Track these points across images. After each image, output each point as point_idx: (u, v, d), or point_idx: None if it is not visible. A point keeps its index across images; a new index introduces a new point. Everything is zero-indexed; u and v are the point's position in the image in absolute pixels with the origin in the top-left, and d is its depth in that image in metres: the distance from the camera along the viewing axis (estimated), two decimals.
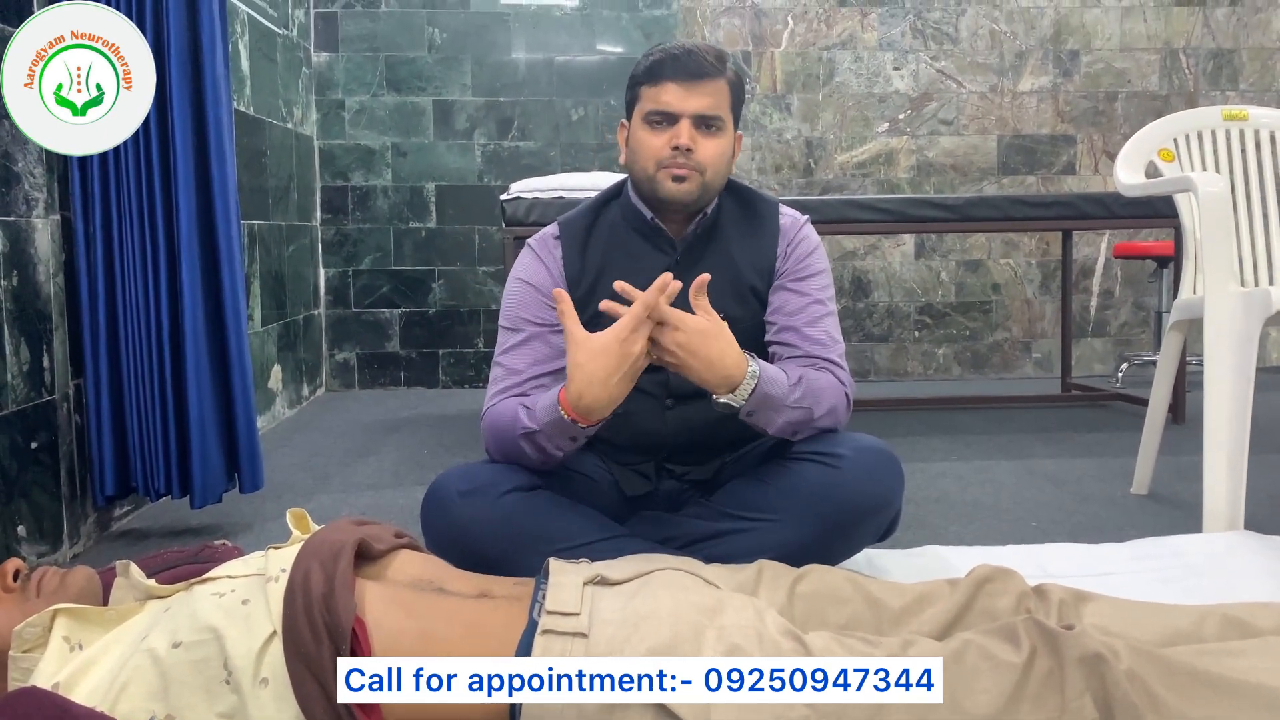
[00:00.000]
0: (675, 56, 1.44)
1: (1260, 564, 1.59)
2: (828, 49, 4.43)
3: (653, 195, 1.49)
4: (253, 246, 3.34)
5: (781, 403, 1.37)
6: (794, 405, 1.39)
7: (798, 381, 1.41)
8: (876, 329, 4.55)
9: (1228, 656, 1.00)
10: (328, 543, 1.10)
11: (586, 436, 1.38)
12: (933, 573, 1.52)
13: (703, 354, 1.30)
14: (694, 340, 1.30)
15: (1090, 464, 2.70)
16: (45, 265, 1.94)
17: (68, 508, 1.99)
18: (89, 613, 1.09)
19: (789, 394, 1.38)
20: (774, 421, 1.39)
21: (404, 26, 4.27)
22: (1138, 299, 4.62)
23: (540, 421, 1.37)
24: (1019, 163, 4.52)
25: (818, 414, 1.42)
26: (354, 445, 3.15)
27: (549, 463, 1.42)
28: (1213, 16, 4.51)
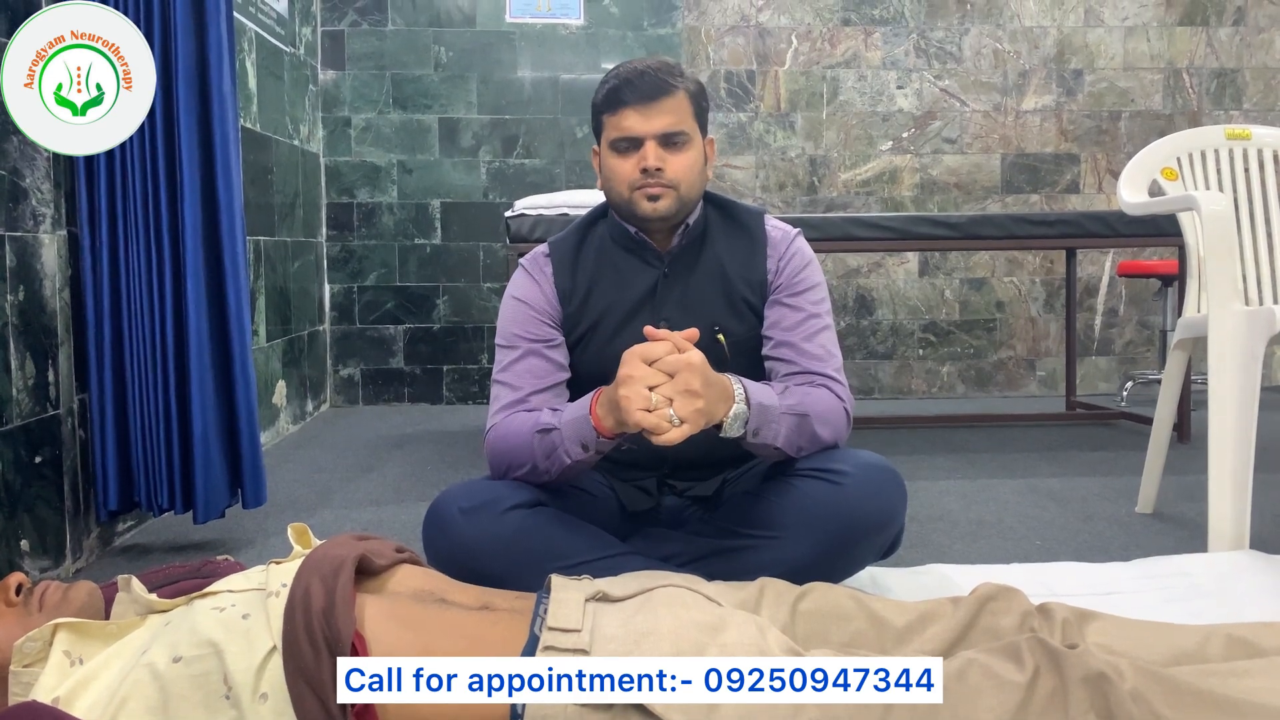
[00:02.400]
0: (629, 80, 1.45)
1: (1265, 584, 1.58)
2: (831, 68, 4.45)
3: (631, 216, 1.50)
4: (258, 262, 3.35)
5: (774, 410, 1.36)
6: (788, 411, 1.38)
7: (784, 390, 1.41)
8: (880, 347, 4.55)
9: (1233, 677, 0.99)
10: (328, 558, 1.10)
11: (597, 450, 1.37)
12: (936, 591, 1.51)
13: (711, 377, 1.28)
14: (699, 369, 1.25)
15: (1095, 483, 2.69)
16: (51, 280, 1.95)
17: (71, 522, 1.99)
18: (90, 627, 1.09)
19: (778, 400, 1.38)
20: (777, 433, 1.37)
21: (410, 45, 4.30)
22: (1142, 317, 4.62)
23: (563, 420, 1.37)
24: (1023, 181, 4.53)
25: (815, 421, 1.41)
26: (357, 461, 3.15)
27: (550, 471, 1.41)
28: (1216, 36, 4.52)
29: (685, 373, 1.24)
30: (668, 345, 1.26)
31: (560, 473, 1.41)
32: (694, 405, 1.24)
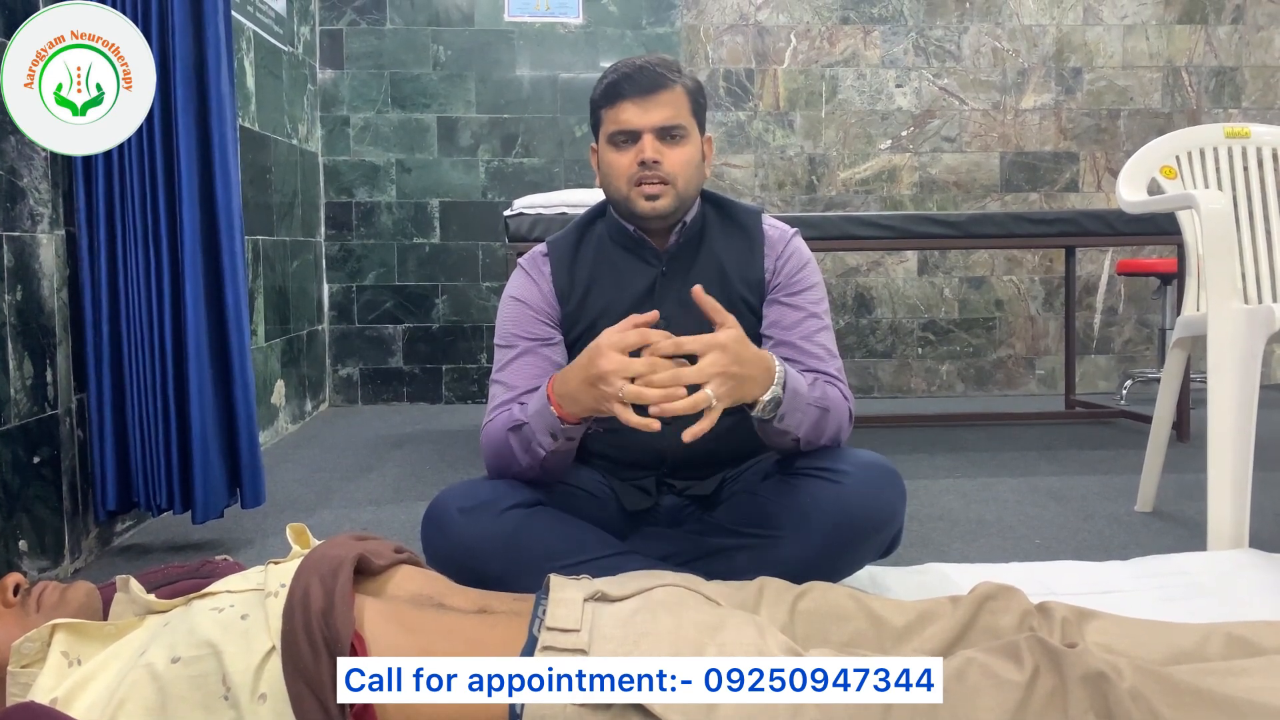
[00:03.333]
0: (628, 75, 1.45)
1: (1265, 582, 1.58)
2: (830, 66, 4.44)
3: (630, 214, 1.50)
4: (257, 262, 3.35)
5: (805, 398, 1.36)
6: (814, 403, 1.38)
7: (813, 382, 1.41)
8: (880, 345, 4.55)
9: (1232, 676, 0.99)
10: (327, 558, 1.10)
11: (566, 437, 1.37)
12: (935, 590, 1.51)
13: (746, 356, 1.26)
14: (734, 348, 1.25)
15: (1094, 481, 2.69)
16: (49, 280, 1.95)
17: (69, 522, 1.99)
18: (88, 628, 1.09)
19: (809, 390, 1.38)
20: (801, 423, 1.36)
21: (409, 44, 4.30)
22: (1141, 316, 4.62)
23: (529, 413, 1.38)
24: (1022, 180, 4.53)
25: (829, 420, 1.41)
26: (356, 461, 3.15)
27: (535, 465, 1.41)
28: (1215, 35, 4.52)
29: (716, 353, 1.23)
30: (638, 332, 1.25)
31: (544, 465, 1.41)
32: (724, 387, 1.23)
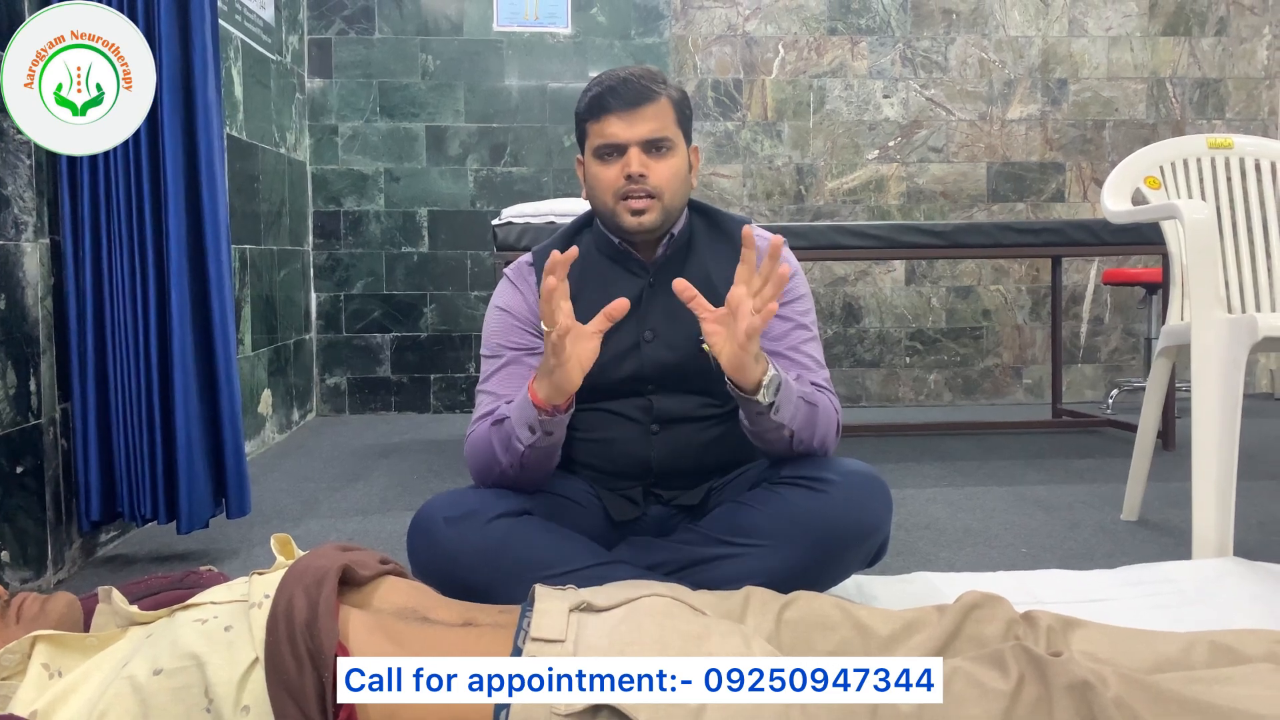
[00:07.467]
0: (612, 88, 1.45)
1: (1249, 590, 1.59)
2: (818, 77, 4.46)
3: (616, 228, 1.51)
4: (244, 271, 3.34)
5: (794, 390, 1.38)
6: (803, 397, 1.39)
7: (798, 378, 1.43)
8: (867, 355, 4.56)
9: (1216, 684, 0.99)
10: (312, 569, 1.09)
11: (545, 430, 1.37)
12: (922, 599, 1.51)
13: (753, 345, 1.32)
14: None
15: (1080, 490, 2.70)
16: (34, 289, 1.93)
17: (52, 533, 1.98)
18: (69, 639, 1.08)
19: (796, 384, 1.40)
20: (794, 415, 1.38)
21: (397, 53, 4.30)
22: (1128, 325, 4.64)
23: (511, 409, 1.40)
24: (1008, 190, 4.55)
25: (820, 418, 1.42)
26: (343, 471, 3.14)
27: (514, 465, 1.42)
28: (1199, 47, 4.56)
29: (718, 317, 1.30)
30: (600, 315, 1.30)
31: (523, 463, 1.41)
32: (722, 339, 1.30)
